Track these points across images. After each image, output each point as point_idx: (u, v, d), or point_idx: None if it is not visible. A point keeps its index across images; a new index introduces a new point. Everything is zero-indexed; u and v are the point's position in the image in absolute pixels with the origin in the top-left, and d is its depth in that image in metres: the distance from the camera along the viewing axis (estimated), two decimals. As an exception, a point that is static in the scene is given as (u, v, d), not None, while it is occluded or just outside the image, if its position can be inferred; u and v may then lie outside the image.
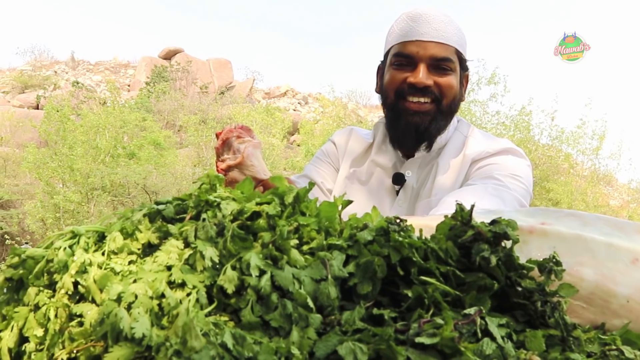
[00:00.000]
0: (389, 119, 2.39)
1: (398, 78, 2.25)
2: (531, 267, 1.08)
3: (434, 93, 2.22)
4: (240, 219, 1.03)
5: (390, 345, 0.85)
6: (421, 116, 2.25)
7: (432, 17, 2.23)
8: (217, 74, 53.40)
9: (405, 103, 2.26)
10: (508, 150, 2.27)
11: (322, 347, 0.88)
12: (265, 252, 0.97)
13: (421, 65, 2.21)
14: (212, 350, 0.82)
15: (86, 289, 0.94)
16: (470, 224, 1.07)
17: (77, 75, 52.27)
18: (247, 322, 0.90)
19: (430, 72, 2.21)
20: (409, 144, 2.37)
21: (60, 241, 1.02)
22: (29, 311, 0.97)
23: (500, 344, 0.94)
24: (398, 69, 2.27)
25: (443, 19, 2.24)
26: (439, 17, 2.24)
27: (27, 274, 1.00)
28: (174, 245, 0.98)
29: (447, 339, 0.87)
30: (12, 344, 0.96)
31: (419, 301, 0.98)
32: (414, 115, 2.25)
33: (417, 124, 2.26)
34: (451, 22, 2.26)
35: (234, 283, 0.92)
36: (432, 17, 2.23)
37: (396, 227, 1.06)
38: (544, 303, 1.04)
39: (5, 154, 30.06)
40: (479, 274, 1.04)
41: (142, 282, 0.91)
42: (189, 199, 1.10)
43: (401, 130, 2.32)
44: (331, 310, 0.95)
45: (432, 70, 2.22)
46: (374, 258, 1.00)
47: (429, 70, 2.21)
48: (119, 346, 0.83)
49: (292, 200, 1.09)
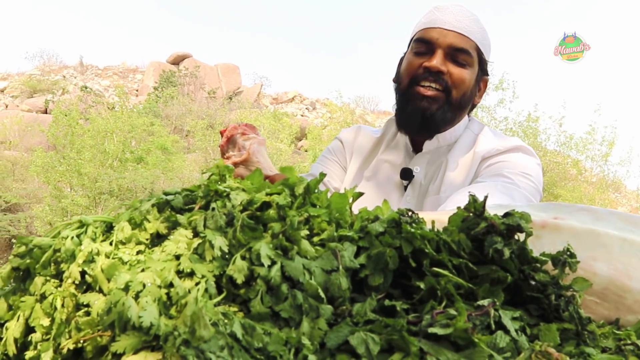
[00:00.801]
0: (398, 104, 2.40)
1: (415, 63, 2.27)
2: (545, 260, 1.06)
3: (445, 82, 2.23)
4: (250, 209, 1.01)
5: (403, 336, 0.84)
6: (429, 101, 2.25)
7: (458, 10, 2.25)
8: (225, 79, 53.43)
9: (417, 88, 2.26)
10: (518, 148, 2.27)
11: (333, 337, 0.87)
12: (275, 242, 0.95)
13: (438, 52, 2.22)
14: (221, 339, 0.81)
15: (93, 279, 0.93)
16: (483, 215, 1.05)
17: (86, 80, 52.36)
18: (257, 313, 0.89)
19: (446, 60, 2.22)
20: (413, 128, 2.37)
21: (68, 230, 1.00)
22: (35, 301, 0.96)
23: (514, 337, 0.92)
24: (416, 55, 2.29)
25: (469, 15, 2.26)
26: (465, 13, 2.26)
27: (34, 264, 0.99)
28: (183, 234, 0.97)
29: (460, 330, 0.85)
30: (18, 334, 0.95)
31: (432, 293, 0.96)
32: (422, 99, 2.26)
33: (424, 109, 2.26)
34: (477, 21, 2.27)
35: (243, 273, 0.91)
36: (458, 10, 2.25)
37: (408, 218, 1.04)
38: (558, 296, 1.03)
39: (14, 158, 30.13)
40: (492, 267, 1.02)
41: (150, 271, 0.90)
42: (198, 189, 1.09)
43: (408, 114, 2.33)
44: (342, 301, 0.93)
45: (449, 59, 2.23)
46: (386, 249, 0.99)
47: (445, 58, 2.22)
48: (126, 335, 0.82)
49: (302, 191, 1.08)
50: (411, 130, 2.40)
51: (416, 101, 2.27)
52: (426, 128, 2.33)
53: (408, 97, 2.31)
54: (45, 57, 57.51)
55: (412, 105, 2.29)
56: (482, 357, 0.84)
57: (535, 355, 0.85)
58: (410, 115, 2.31)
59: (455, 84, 2.24)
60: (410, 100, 2.30)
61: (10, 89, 49.27)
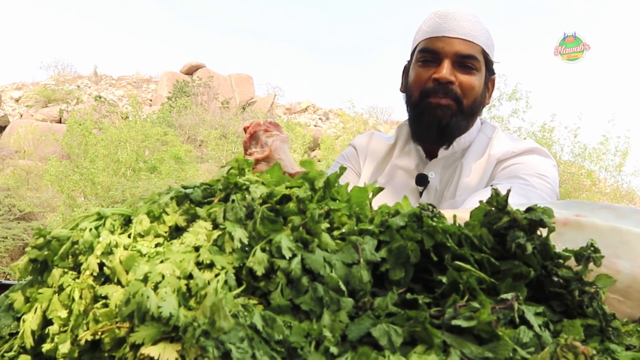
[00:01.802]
0: (412, 117, 2.39)
1: (424, 76, 2.26)
2: (568, 255, 1.04)
3: (454, 92, 2.21)
4: (270, 202, 1.00)
5: (426, 328, 0.82)
6: (443, 110, 2.24)
7: (459, 16, 2.23)
8: (239, 89, 53.56)
9: (429, 99, 2.25)
10: (533, 149, 2.25)
11: (355, 329, 0.86)
12: (295, 235, 0.94)
13: (446, 61, 2.21)
14: (241, 331, 0.80)
15: (111, 270, 0.92)
16: (505, 209, 1.04)
17: (100, 90, 52.62)
18: (277, 306, 0.88)
19: (454, 69, 2.21)
20: (431, 139, 2.36)
21: (86, 222, 1.00)
22: (53, 293, 0.95)
23: (538, 332, 0.91)
24: (423, 66, 2.27)
25: (471, 18, 2.23)
26: (466, 16, 2.23)
27: (51, 256, 0.98)
28: (202, 226, 0.96)
29: (484, 323, 0.84)
30: (35, 326, 0.94)
31: (454, 287, 0.95)
32: (437, 109, 2.25)
33: (439, 118, 2.25)
34: (479, 22, 2.26)
35: (263, 265, 0.90)
36: (460, 16, 2.23)
37: (429, 213, 1.03)
38: (581, 292, 1.01)
39: (28, 167, 30.30)
40: (515, 262, 1.00)
41: (170, 263, 0.89)
42: (216, 183, 1.08)
43: (424, 126, 2.32)
44: (363, 294, 0.92)
45: (457, 67, 2.21)
46: (407, 243, 0.98)
47: (453, 67, 2.21)
48: (145, 326, 0.81)
49: (322, 184, 1.07)
50: (429, 141, 2.39)
51: (430, 111, 2.27)
52: (443, 137, 2.32)
53: (422, 110, 2.31)
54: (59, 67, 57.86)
55: (427, 116, 2.29)
56: (506, 351, 0.83)
57: (561, 348, 0.83)
58: (428, 127, 2.30)
59: (465, 93, 2.23)
60: (424, 112, 2.30)
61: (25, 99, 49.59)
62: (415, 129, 2.40)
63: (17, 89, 52.82)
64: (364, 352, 0.80)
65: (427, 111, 2.27)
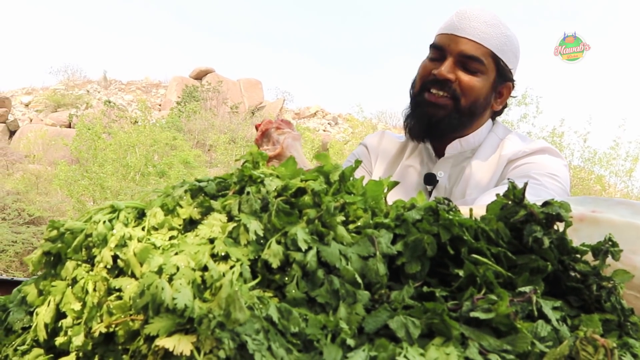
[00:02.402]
0: (410, 109, 2.37)
1: (427, 69, 2.26)
2: (585, 250, 1.03)
3: (453, 89, 2.20)
4: (285, 195, 1.00)
5: (444, 319, 0.81)
6: (436, 108, 2.23)
7: (476, 16, 2.20)
8: (248, 94, 53.64)
9: (425, 94, 2.25)
10: (544, 149, 2.24)
11: (372, 322, 0.85)
12: (311, 227, 0.93)
13: (449, 59, 2.19)
14: (257, 323, 0.79)
15: (125, 263, 0.91)
16: (522, 203, 1.03)
17: (109, 95, 52.75)
18: (292, 298, 0.87)
19: (456, 67, 2.19)
20: (417, 132, 2.35)
21: (100, 215, 0.99)
22: (66, 286, 0.95)
23: (556, 326, 0.90)
24: (430, 61, 2.27)
25: (488, 20, 2.20)
26: (483, 18, 2.20)
27: (65, 248, 0.98)
28: (217, 218, 0.95)
29: (502, 316, 0.83)
30: (48, 319, 0.94)
31: (470, 280, 0.94)
32: (429, 106, 2.24)
33: (430, 115, 2.25)
34: (497, 26, 2.22)
35: (279, 258, 0.89)
36: (476, 16, 2.20)
37: (445, 206, 1.02)
38: (599, 287, 1.00)
39: (38, 172, 30.40)
40: (532, 256, 0.99)
41: (184, 255, 0.88)
42: (230, 177, 1.07)
43: (415, 119, 2.32)
44: (379, 287, 0.91)
45: (459, 66, 2.19)
46: (424, 236, 0.97)
47: (455, 66, 2.19)
48: (159, 317, 0.80)
49: (337, 178, 1.06)
50: (416, 135, 2.37)
51: (423, 107, 2.26)
52: (431, 134, 2.31)
53: (417, 103, 2.31)
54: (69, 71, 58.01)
55: (420, 111, 2.29)
56: (524, 344, 0.82)
57: (580, 341, 0.82)
58: (417, 121, 2.31)
59: (464, 91, 2.21)
60: (418, 106, 2.30)
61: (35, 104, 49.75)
62: (409, 123, 2.39)
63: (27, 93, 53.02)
64: (382, 344, 0.79)
65: (420, 105, 2.28)
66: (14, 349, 0.99)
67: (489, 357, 0.78)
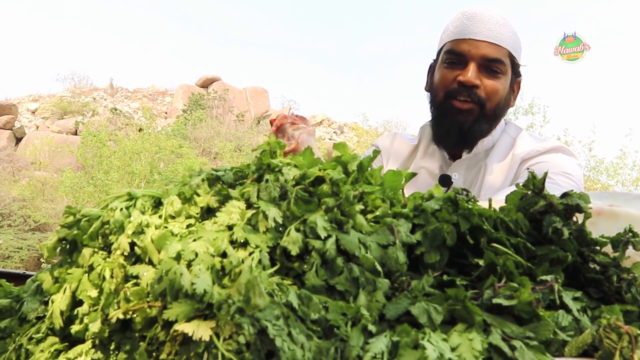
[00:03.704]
0: (435, 118, 2.36)
1: (449, 77, 2.23)
2: (605, 241, 1.03)
3: (478, 96, 2.18)
4: (303, 184, 0.99)
5: (467, 306, 0.80)
6: (465, 115, 2.21)
7: (487, 17, 2.20)
8: (254, 103, 53.63)
9: (453, 102, 2.22)
10: (558, 148, 2.23)
11: (393, 308, 0.84)
12: (330, 216, 0.93)
13: (471, 64, 2.18)
14: (277, 309, 0.78)
15: (143, 250, 0.91)
16: (542, 193, 1.02)
17: (116, 102, 52.76)
18: (311, 286, 0.86)
19: (480, 72, 2.18)
20: (451, 143, 2.33)
21: (117, 202, 0.98)
22: (82, 273, 0.94)
23: (577, 316, 0.89)
24: (449, 67, 2.24)
25: (499, 20, 2.20)
26: (494, 18, 2.20)
27: (81, 235, 0.97)
28: (236, 205, 0.94)
29: (524, 303, 0.82)
30: (64, 307, 0.93)
31: (491, 270, 0.93)
32: (459, 113, 2.22)
33: (461, 123, 2.23)
34: (507, 25, 2.22)
35: (298, 245, 0.88)
36: (488, 18, 2.20)
37: (464, 197, 1.01)
38: (619, 278, 0.99)
39: (44, 178, 30.42)
40: (551, 247, 0.98)
41: (203, 241, 0.87)
42: (247, 168, 1.06)
43: (446, 129, 2.29)
44: (399, 275, 0.90)
45: (482, 70, 2.18)
46: (443, 225, 0.96)
47: (479, 70, 2.18)
48: (178, 303, 0.79)
49: (355, 167, 1.05)
50: (449, 145, 2.36)
51: (452, 115, 2.24)
52: (464, 141, 2.30)
53: (444, 111, 2.28)
54: (76, 79, 58.06)
55: (449, 120, 2.26)
56: (547, 332, 0.81)
57: (604, 329, 0.81)
58: (449, 130, 2.28)
59: (488, 96, 2.20)
60: (446, 115, 2.27)
61: (42, 111, 49.79)
62: (437, 132, 2.38)
63: (33, 100, 53.10)
64: (404, 330, 0.78)
65: (449, 114, 2.25)
66: (28, 338, 0.98)
67: (512, 344, 0.77)
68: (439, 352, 0.73)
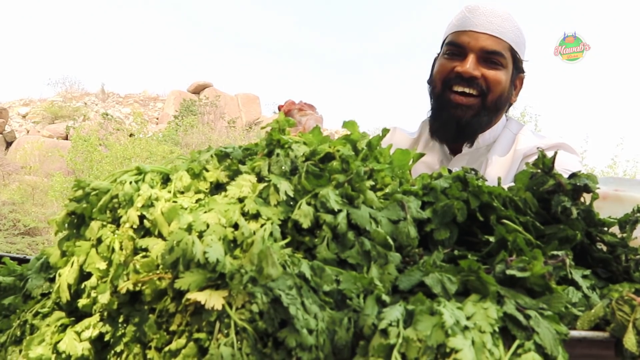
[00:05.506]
0: (433, 110, 2.35)
1: (447, 67, 2.23)
2: (612, 222, 1.03)
3: (480, 86, 2.18)
4: (313, 160, 0.98)
5: (481, 276, 0.80)
6: (464, 110, 2.21)
7: (489, 11, 2.20)
8: (245, 109, 53.54)
9: (450, 94, 2.22)
10: (559, 145, 2.23)
11: (406, 280, 0.84)
12: (340, 191, 0.92)
13: (471, 56, 2.18)
14: (289, 280, 0.78)
15: (152, 223, 0.90)
16: (551, 172, 1.02)
17: (107, 107, 52.56)
18: (323, 259, 0.86)
19: (479, 64, 2.18)
20: (448, 137, 2.33)
21: (125, 176, 0.98)
22: (90, 246, 0.93)
23: (586, 293, 0.89)
24: (448, 58, 2.24)
25: (501, 14, 2.20)
26: (497, 12, 2.20)
27: (89, 209, 0.96)
28: (247, 179, 0.94)
29: (537, 276, 0.82)
30: (72, 280, 0.92)
31: (501, 246, 0.93)
32: (457, 108, 2.21)
33: (458, 117, 2.22)
34: (509, 19, 2.22)
35: (309, 218, 0.88)
36: (490, 11, 2.20)
37: (473, 175, 1.01)
38: (627, 258, 0.99)
39: (34, 183, 30.26)
40: (560, 226, 0.98)
41: (214, 212, 0.87)
42: (256, 147, 1.06)
43: (442, 122, 2.29)
44: (410, 249, 0.90)
45: (482, 62, 2.18)
46: (453, 201, 0.95)
47: (478, 62, 2.18)
48: (190, 272, 0.79)
49: (365, 145, 1.05)
50: (446, 139, 2.35)
51: (450, 109, 2.23)
52: (462, 135, 2.29)
53: (442, 104, 2.27)
54: (67, 84, 57.81)
55: (447, 114, 2.25)
56: (560, 304, 0.81)
57: (616, 301, 0.81)
58: (445, 124, 2.27)
59: (490, 87, 2.20)
60: (444, 108, 2.26)
61: (32, 115, 49.58)
62: (433, 124, 2.37)
63: (24, 105, 52.89)
64: (419, 299, 0.77)
65: (446, 107, 2.25)
66: (33, 314, 0.97)
67: (527, 313, 0.77)
68: (456, 319, 0.73)
